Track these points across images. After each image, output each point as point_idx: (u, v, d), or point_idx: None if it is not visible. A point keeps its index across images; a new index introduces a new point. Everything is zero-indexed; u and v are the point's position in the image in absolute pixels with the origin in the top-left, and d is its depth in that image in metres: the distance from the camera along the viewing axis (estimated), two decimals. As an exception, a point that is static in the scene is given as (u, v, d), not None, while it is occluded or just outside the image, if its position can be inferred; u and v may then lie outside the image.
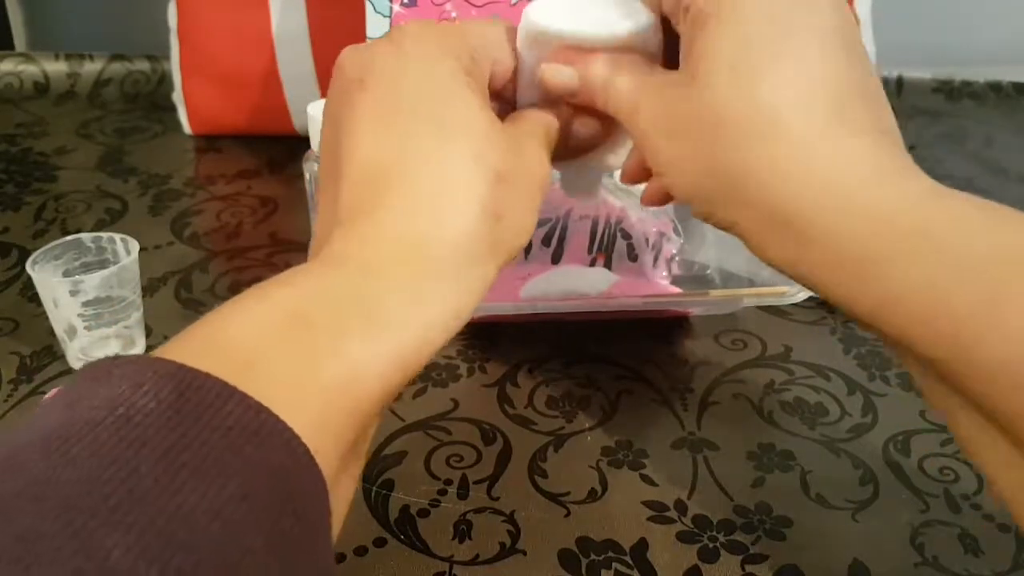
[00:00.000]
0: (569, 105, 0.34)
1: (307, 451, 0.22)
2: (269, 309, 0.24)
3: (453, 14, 0.53)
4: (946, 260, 0.24)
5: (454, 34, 0.31)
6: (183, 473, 0.19)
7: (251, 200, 0.72)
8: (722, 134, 0.28)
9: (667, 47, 0.33)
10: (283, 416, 0.22)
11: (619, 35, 0.32)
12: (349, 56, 0.31)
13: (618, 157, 0.36)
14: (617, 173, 0.38)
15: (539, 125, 0.33)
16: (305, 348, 0.24)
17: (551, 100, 0.34)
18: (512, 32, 0.33)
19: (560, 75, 0.33)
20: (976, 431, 0.26)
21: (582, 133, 0.35)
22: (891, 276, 0.25)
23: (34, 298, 0.56)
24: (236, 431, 0.21)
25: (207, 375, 0.21)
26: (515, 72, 0.34)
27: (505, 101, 0.35)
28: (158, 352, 0.23)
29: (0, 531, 0.18)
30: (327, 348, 0.24)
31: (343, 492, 0.26)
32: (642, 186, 0.36)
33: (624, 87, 0.32)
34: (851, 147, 0.27)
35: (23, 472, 0.19)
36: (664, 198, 0.34)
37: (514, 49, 0.33)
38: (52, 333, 0.51)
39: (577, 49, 0.33)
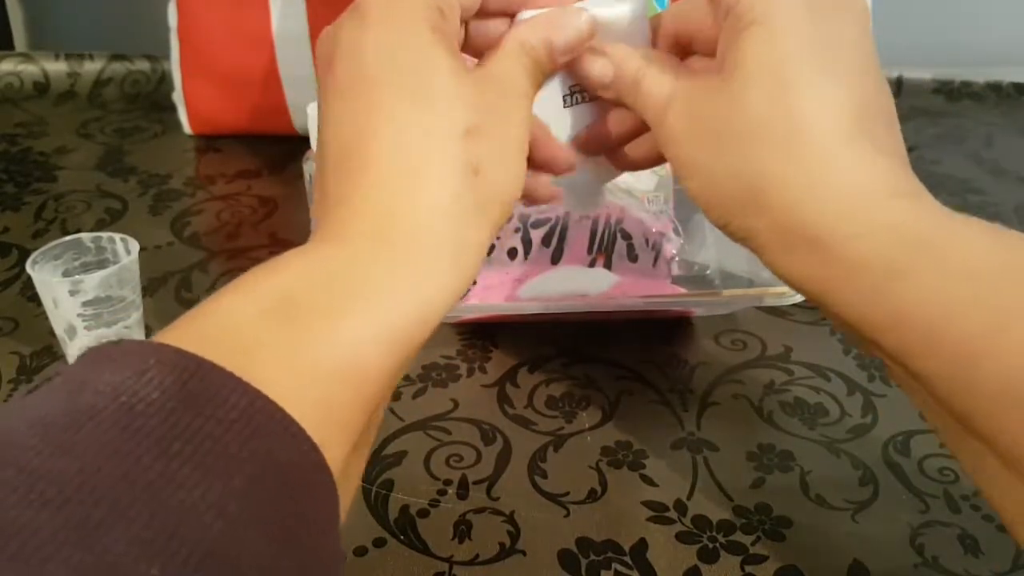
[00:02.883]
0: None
1: (314, 445, 0.22)
2: (262, 295, 0.24)
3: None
4: (958, 277, 0.25)
5: None
6: (186, 467, 0.19)
7: (251, 200, 0.72)
8: (752, 140, 0.28)
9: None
10: (284, 406, 0.21)
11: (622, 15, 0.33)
12: (321, 39, 0.30)
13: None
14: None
15: (515, 55, 0.31)
16: (298, 333, 0.23)
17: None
18: None
19: (596, 66, 0.32)
20: (973, 454, 0.26)
21: (616, 130, 0.35)
22: (904, 290, 0.26)
23: (34, 298, 0.56)
24: (240, 424, 0.20)
25: (211, 364, 0.21)
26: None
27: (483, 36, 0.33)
28: (157, 338, 0.22)
29: None
30: (323, 332, 0.23)
31: (351, 481, 0.26)
32: (642, 186, 0.36)
33: (656, 85, 0.31)
34: (874, 164, 0.27)
35: (21, 460, 0.19)
36: (654, 160, 0.35)
37: None
38: (52, 333, 0.51)
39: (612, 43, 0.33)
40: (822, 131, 0.28)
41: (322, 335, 0.23)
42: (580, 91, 0.35)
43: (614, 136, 0.35)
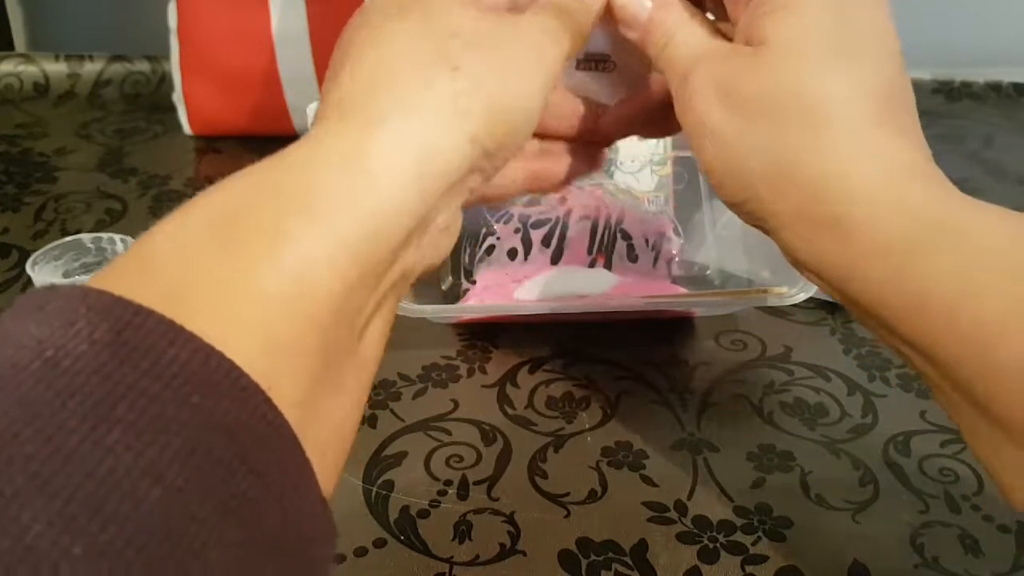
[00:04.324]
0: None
1: (265, 398, 0.19)
2: (201, 214, 0.22)
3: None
4: (980, 259, 0.25)
5: None
6: (117, 429, 0.17)
7: (251, 201, 0.72)
8: (783, 116, 0.28)
9: None
10: (228, 350, 0.19)
11: None
12: None
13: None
14: (618, 176, 0.38)
15: (548, 9, 0.30)
16: (239, 255, 0.21)
17: None
18: None
19: (632, 5, 0.32)
20: (988, 441, 0.26)
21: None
22: (925, 272, 0.25)
23: (34, 299, 0.56)
24: (180, 379, 0.18)
25: (148, 311, 0.19)
26: None
27: None
28: (93, 280, 0.20)
29: None
30: (263, 252, 0.21)
31: (325, 425, 0.23)
32: (642, 186, 0.36)
33: (684, 46, 0.31)
34: (899, 147, 0.28)
35: None
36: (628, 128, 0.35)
37: None
38: (52, 334, 0.51)
39: None
40: (851, 112, 0.28)
41: (266, 256, 0.21)
42: (594, 60, 0.35)
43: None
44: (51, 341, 0.18)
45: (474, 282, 0.53)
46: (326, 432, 0.23)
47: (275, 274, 0.21)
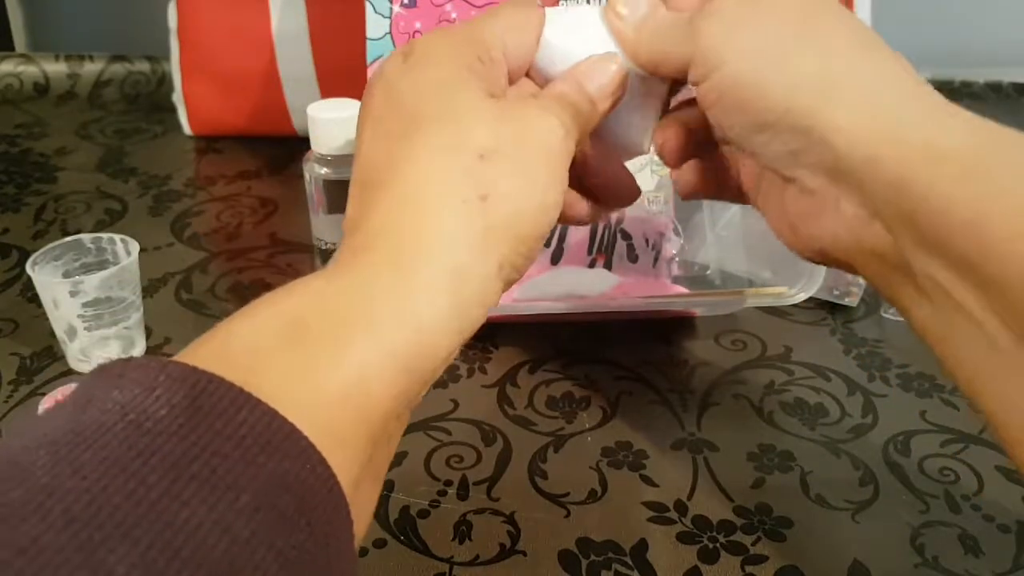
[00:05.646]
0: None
1: (323, 460, 0.21)
2: (272, 317, 0.24)
3: (453, 15, 0.53)
4: None
5: (459, 36, 0.30)
6: (192, 485, 0.19)
7: (251, 201, 0.72)
8: (829, 32, 0.29)
9: None
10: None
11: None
12: (370, 76, 0.31)
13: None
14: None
15: (555, 93, 0.31)
16: (307, 355, 0.23)
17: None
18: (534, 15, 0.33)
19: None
20: (987, 361, 0.26)
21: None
22: (996, 181, 0.25)
23: (34, 299, 0.56)
24: (249, 440, 0.20)
25: (220, 379, 0.21)
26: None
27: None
28: (185, 355, 0.23)
29: (2, 541, 0.17)
30: (327, 354, 0.24)
31: (363, 509, 0.25)
32: (643, 187, 0.35)
33: (667, 19, 0.32)
34: (934, 94, 0.28)
35: (29, 478, 0.18)
36: (697, 187, 0.35)
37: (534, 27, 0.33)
38: (52, 334, 0.51)
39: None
40: (891, 53, 0.28)
41: (329, 358, 0.24)
42: None
43: None
44: (133, 406, 0.20)
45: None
46: (364, 518, 0.26)
47: (336, 373, 0.23)
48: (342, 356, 0.24)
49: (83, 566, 0.17)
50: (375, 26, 0.54)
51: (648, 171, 0.54)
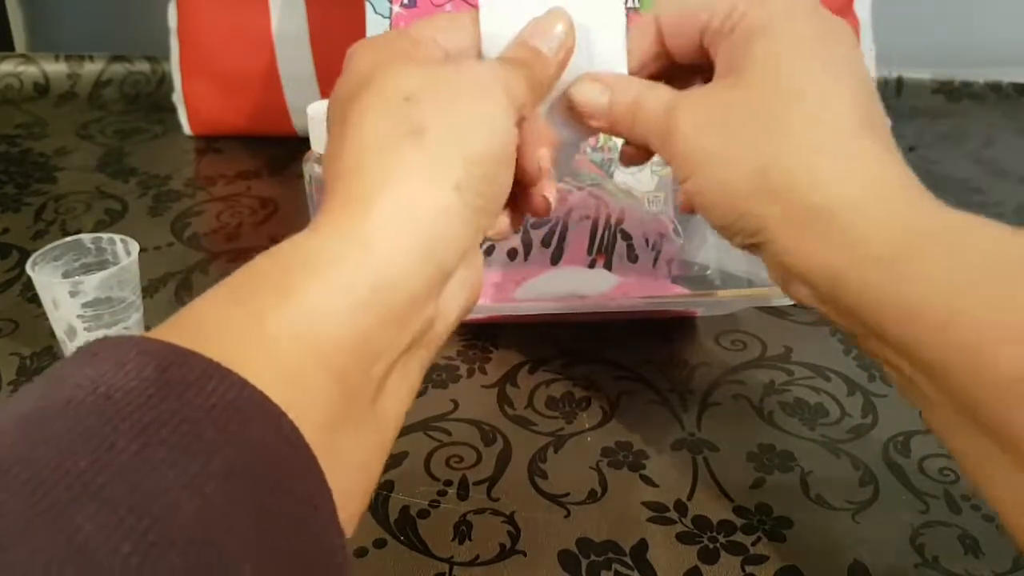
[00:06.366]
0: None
1: (292, 424, 0.22)
2: (221, 288, 0.25)
3: (453, 15, 0.53)
4: (970, 266, 0.25)
5: (392, 34, 0.33)
6: (162, 449, 0.19)
7: (251, 201, 0.72)
8: (765, 126, 0.29)
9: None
10: (254, 383, 0.21)
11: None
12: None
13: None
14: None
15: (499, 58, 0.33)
16: (259, 310, 0.24)
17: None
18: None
19: (592, 91, 0.34)
20: (976, 451, 0.26)
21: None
22: (917, 276, 0.26)
23: (34, 299, 0.56)
24: (219, 408, 0.20)
25: (191, 352, 0.21)
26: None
27: None
28: (149, 334, 0.23)
29: None
30: (272, 302, 0.24)
31: (344, 459, 0.25)
32: (642, 186, 0.36)
33: (655, 99, 0.33)
34: (881, 158, 0.29)
35: None
36: (643, 156, 0.36)
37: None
38: (52, 334, 0.51)
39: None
40: (834, 122, 0.29)
41: (274, 307, 0.24)
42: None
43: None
44: (104, 379, 0.20)
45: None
46: (347, 466, 0.25)
47: (282, 318, 0.24)
48: (286, 300, 0.24)
49: (50, 526, 0.17)
50: (375, 26, 0.54)
51: (648, 171, 0.54)
